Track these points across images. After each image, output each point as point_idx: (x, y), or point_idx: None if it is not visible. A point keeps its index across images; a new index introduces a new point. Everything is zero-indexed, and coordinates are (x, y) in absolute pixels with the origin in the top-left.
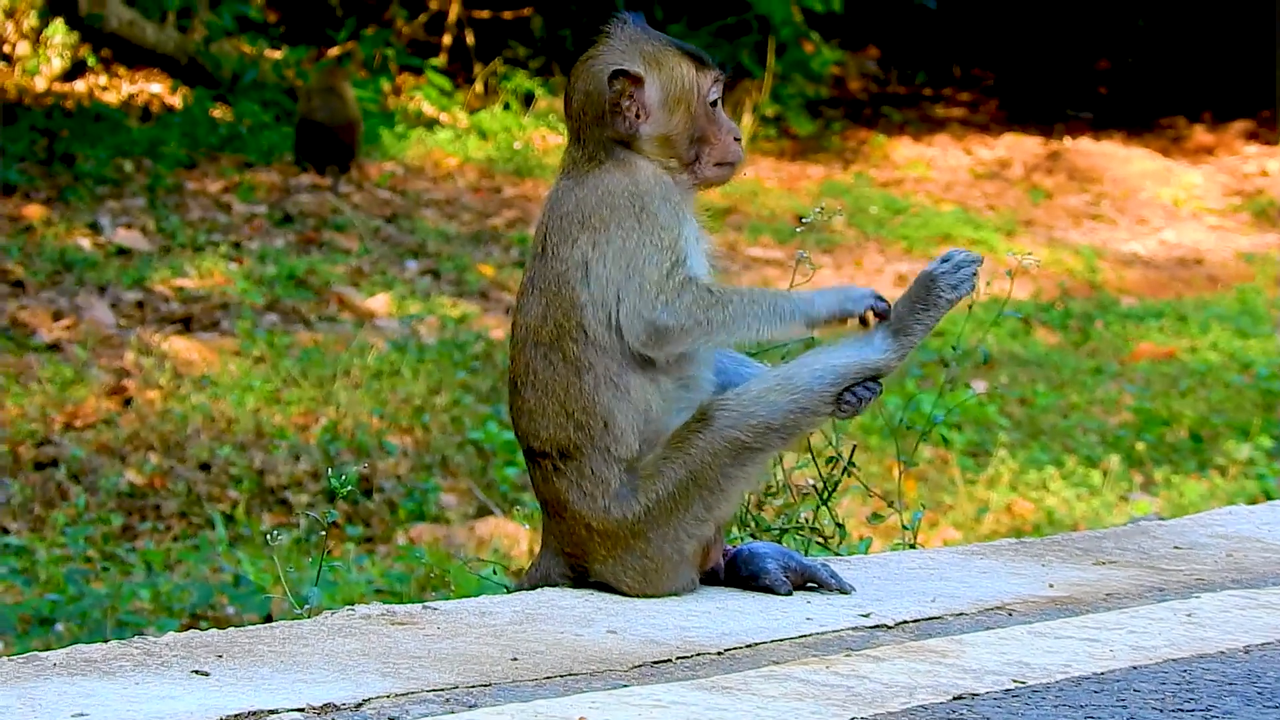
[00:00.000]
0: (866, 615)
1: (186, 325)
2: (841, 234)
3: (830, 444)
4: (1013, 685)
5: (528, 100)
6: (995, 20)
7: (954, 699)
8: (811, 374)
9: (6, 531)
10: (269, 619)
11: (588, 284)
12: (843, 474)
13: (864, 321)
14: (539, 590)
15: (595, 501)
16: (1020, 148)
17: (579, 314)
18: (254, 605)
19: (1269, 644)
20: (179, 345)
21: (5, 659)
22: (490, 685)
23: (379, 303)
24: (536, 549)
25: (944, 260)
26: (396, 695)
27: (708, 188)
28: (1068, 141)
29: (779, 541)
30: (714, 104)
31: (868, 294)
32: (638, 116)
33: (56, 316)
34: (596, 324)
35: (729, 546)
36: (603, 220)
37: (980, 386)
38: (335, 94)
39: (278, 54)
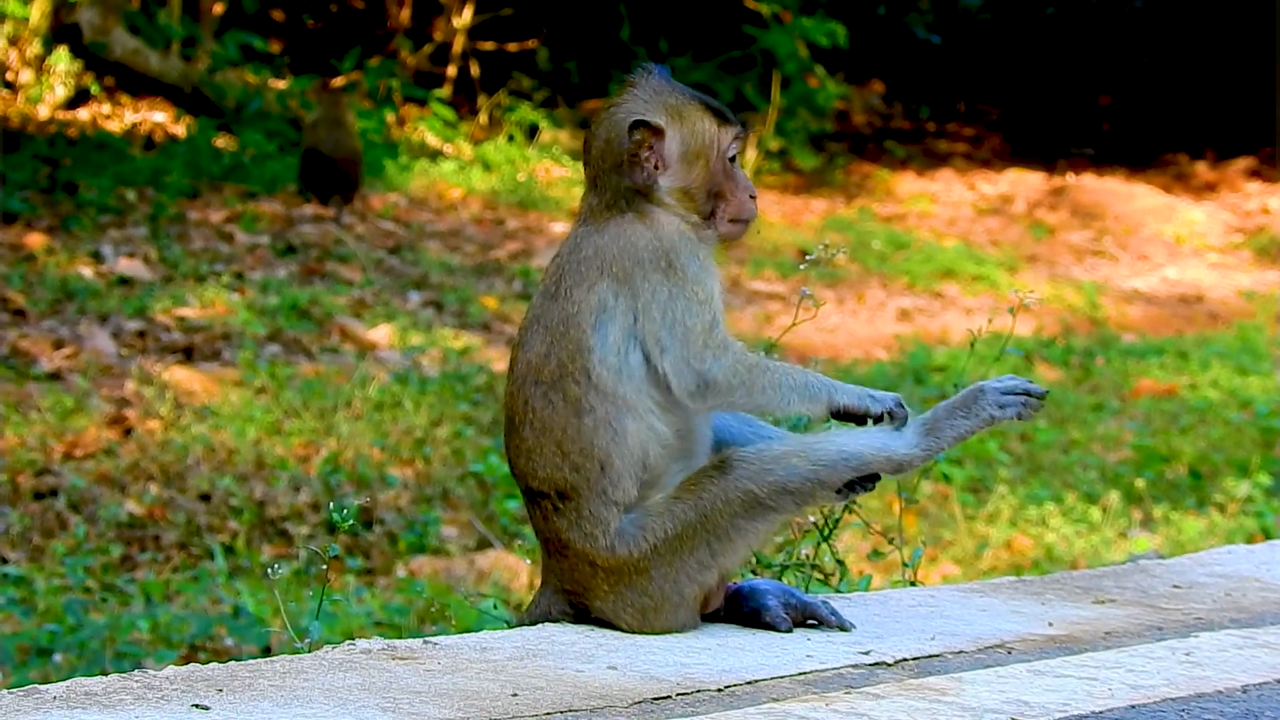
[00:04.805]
0: (866, 653)
1: (188, 355)
2: (844, 269)
3: None
4: None
5: (532, 132)
6: (999, 56)
7: None
8: (838, 450)
9: (5, 561)
10: (268, 651)
11: (600, 329)
12: (843, 510)
13: (877, 421)
14: (540, 625)
15: (596, 541)
16: (1023, 183)
17: (585, 357)
18: (253, 637)
19: (1267, 683)
20: (180, 375)
21: (4, 692)
22: None
23: (381, 334)
24: (537, 583)
25: (1001, 380)
26: None
27: (721, 243)
28: (1071, 177)
29: (779, 578)
30: (732, 159)
31: (892, 397)
32: (656, 168)
33: (57, 345)
34: (603, 368)
35: (730, 584)
36: (625, 271)
37: None
38: (339, 125)
39: (282, 84)
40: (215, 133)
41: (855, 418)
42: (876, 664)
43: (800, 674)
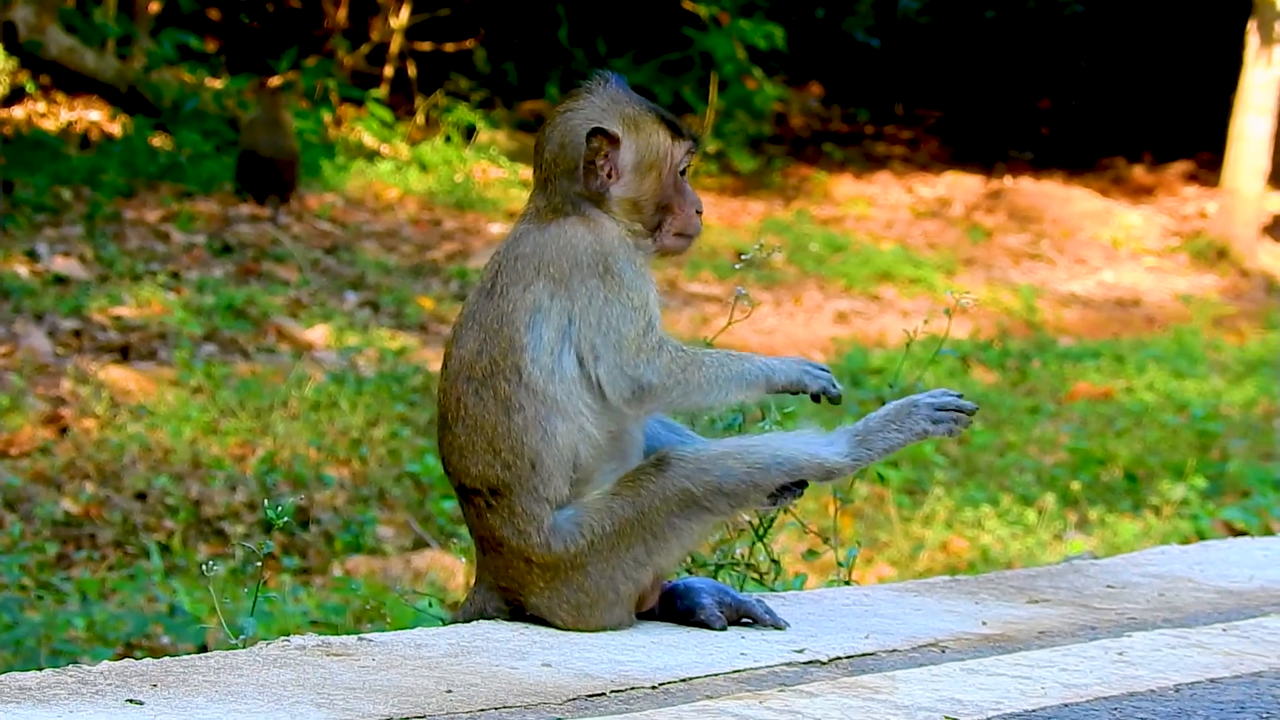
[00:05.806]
0: (800, 651)
1: (124, 354)
2: (782, 271)
3: None
4: None
5: (469, 133)
6: (938, 59)
7: None
8: (771, 455)
9: None
10: (204, 649)
11: (534, 328)
12: (779, 511)
13: (814, 398)
14: (474, 623)
15: (530, 538)
16: (961, 186)
17: (516, 355)
18: (189, 635)
19: (1199, 683)
20: (116, 374)
21: None
22: (425, 717)
23: (318, 334)
24: (473, 582)
25: (934, 395)
26: None
27: (664, 256)
28: (1008, 181)
29: (715, 577)
30: (683, 173)
31: (827, 375)
32: (609, 176)
33: None
34: (535, 367)
35: (665, 582)
36: (562, 272)
37: None
38: (276, 125)
39: (218, 83)
40: (151, 132)
41: (794, 393)
42: (810, 662)
43: (735, 672)
